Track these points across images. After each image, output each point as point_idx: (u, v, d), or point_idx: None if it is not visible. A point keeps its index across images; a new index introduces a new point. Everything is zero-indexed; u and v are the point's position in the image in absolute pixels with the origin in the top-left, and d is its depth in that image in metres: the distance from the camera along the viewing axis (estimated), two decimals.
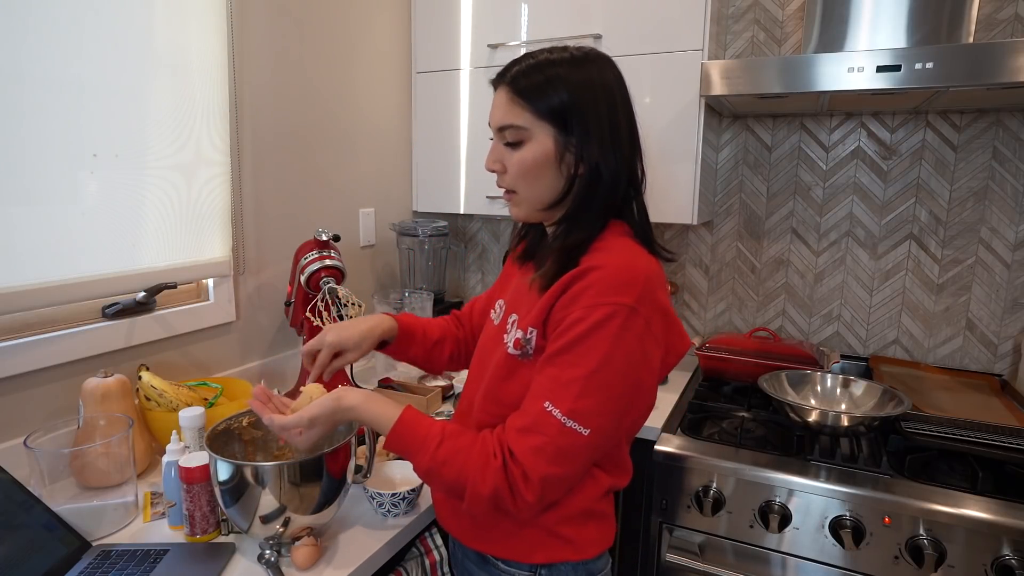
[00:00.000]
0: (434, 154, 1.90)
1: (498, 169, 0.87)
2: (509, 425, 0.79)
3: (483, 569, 0.92)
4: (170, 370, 1.29)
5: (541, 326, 0.81)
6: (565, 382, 0.75)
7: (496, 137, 0.86)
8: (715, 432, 1.40)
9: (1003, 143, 1.54)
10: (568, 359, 0.76)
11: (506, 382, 0.85)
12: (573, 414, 0.75)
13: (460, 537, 0.93)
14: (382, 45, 1.80)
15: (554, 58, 0.82)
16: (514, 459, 0.76)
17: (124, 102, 1.14)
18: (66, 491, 0.96)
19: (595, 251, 0.81)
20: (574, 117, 0.80)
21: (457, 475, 0.77)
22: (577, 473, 0.80)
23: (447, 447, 0.78)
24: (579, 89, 0.80)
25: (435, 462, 0.78)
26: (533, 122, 0.82)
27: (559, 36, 1.63)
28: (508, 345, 0.85)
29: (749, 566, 1.25)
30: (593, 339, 0.75)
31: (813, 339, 1.80)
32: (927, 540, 1.10)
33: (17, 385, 1.05)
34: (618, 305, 0.75)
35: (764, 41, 1.72)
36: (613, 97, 0.83)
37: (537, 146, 0.82)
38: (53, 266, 1.06)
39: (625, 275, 0.77)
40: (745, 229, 1.83)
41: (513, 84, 0.82)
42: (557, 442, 0.75)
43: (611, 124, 0.82)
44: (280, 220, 1.53)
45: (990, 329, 1.61)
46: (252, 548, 0.91)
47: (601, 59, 0.85)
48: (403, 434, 0.81)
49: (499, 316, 0.95)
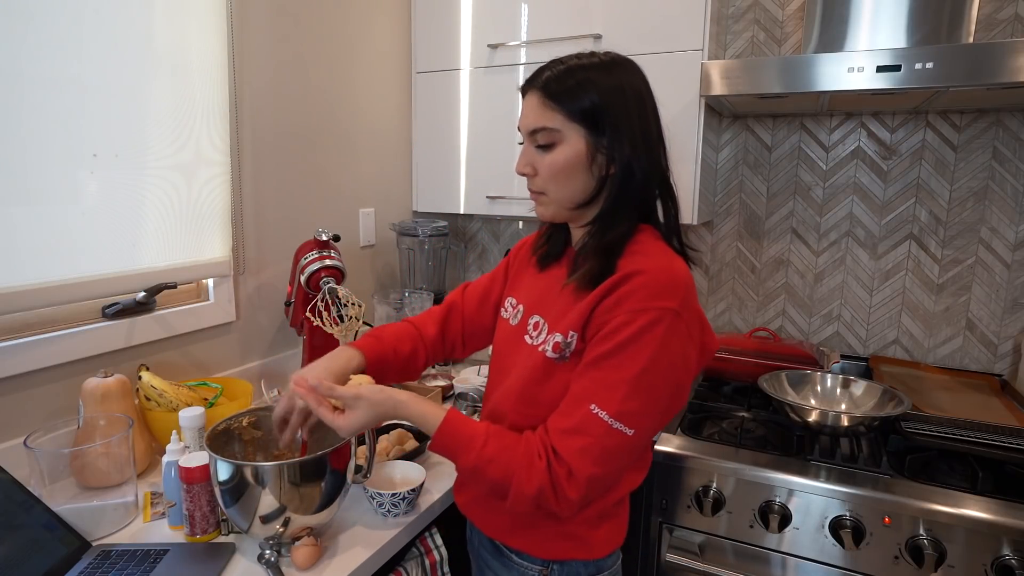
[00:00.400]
0: (434, 154, 1.90)
1: (529, 172, 0.88)
2: (552, 427, 0.80)
3: (496, 559, 0.95)
4: (170, 370, 1.29)
5: (581, 329, 0.83)
6: (611, 384, 0.77)
7: (527, 141, 0.87)
8: (715, 432, 1.40)
9: (1003, 143, 1.54)
10: (614, 362, 0.78)
11: (543, 385, 0.86)
12: (620, 416, 0.77)
13: (478, 524, 0.96)
14: (382, 45, 1.80)
15: (584, 63, 0.84)
16: (559, 459, 0.78)
17: (124, 102, 1.14)
18: (66, 491, 0.96)
19: (632, 254, 0.83)
20: (606, 118, 0.82)
21: (503, 474, 0.79)
22: (618, 472, 0.82)
23: (492, 446, 0.80)
24: (610, 91, 0.82)
25: (481, 460, 0.80)
26: (565, 124, 0.83)
27: (559, 36, 1.63)
28: (546, 349, 0.86)
29: (749, 566, 1.25)
30: (640, 343, 0.77)
31: (813, 339, 1.80)
32: (927, 540, 1.10)
33: (17, 385, 1.05)
34: (664, 310, 0.77)
35: (764, 41, 1.72)
36: (643, 99, 0.85)
37: (569, 148, 0.83)
38: (53, 266, 1.06)
39: (668, 280, 0.79)
40: (745, 229, 1.83)
41: (545, 88, 0.83)
42: (603, 443, 0.77)
43: (642, 125, 0.84)
44: (280, 220, 1.53)
45: (990, 329, 1.61)
46: (252, 548, 0.91)
47: (629, 64, 0.86)
48: (449, 433, 0.82)
49: (516, 317, 0.95)
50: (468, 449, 0.81)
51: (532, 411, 0.86)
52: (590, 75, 0.82)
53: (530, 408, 0.87)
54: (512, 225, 2.15)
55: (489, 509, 0.93)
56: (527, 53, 1.69)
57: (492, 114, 1.77)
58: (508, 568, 0.93)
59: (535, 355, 0.88)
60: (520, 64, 1.71)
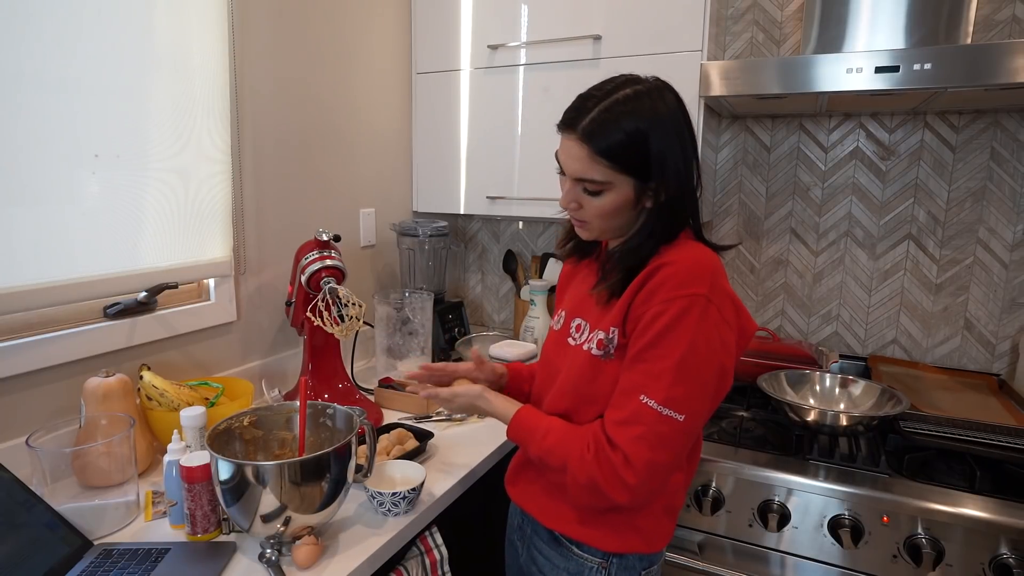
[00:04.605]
0: (434, 154, 1.90)
1: (574, 208, 0.91)
2: (608, 419, 0.85)
3: (554, 549, 0.97)
4: (171, 370, 1.29)
5: (621, 324, 0.87)
6: (656, 374, 0.81)
7: (571, 182, 0.89)
8: (714, 431, 1.40)
9: (1001, 144, 1.55)
10: (656, 353, 0.82)
11: (593, 383, 0.90)
12: (668, 402, 0.81)
13: (536, 514, 0.99)
14: (382, 46, 1.80)
15: (619, 97, 0.84)
16: (614, 448, 0.82)
17: (125, 102, 1.14)
18: (68, 490, 0.96)
19: (662, 252, 0.87)
20: (653, 166, 0.84)
21: (560, 464, 0.87)
22: (676, 459, 0.84)
23: (552, 438, 0.89)
24: (655, 138, 0.83)
25: (542, 451, 0.90)
26: (614, 176, 0.85)
27: (559, 37, 1.64)
28: (591, 347, 0.91)
29: (748, 565, 1.25)
30: (677, 331, 0.81)
31: (812, 339, 1.80)
32: (925, 539, 1.11)
33: (19, 385, 1.05)
34: (694, 296, 0.81)
35: (763, 42, 1.73)
36: (681, 127, 0.87)
37: (617, 195, 0.87)
38: (55, 266, 1.06)
39: (695, 268, 0.83)
40: (744, 229, 1.84)
41: (591, 141, 0.84)
42: (656, 429, 0.81)
43: (682, 155, 0.86)
44: (281, 220, 1.53)
45: (988, 329, 1.62)
46: (253, 547, 0.91)
47: (664, 87, 0.89)
48: (519, 426, 0.94)
49: (560, 322, 1.02)
50: (532, 440, 0.91)
51: (587, 408, 0.91)
52: (631, 117, 0.83)
53: (585, 406, 0.91)
54: (512, 225, 2.16)
55: (551, 500, 0.96)
56: (527, 54, 1.70)
57: (492, 115, 1.78)
58: (567, 559, 0.96)
59: (581, 355, 0.93)
60: (520, 65, 1.71)
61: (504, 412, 0.97)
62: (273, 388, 1.42)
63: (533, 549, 1.02)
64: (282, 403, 1.04)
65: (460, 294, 2.28)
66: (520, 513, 1.07)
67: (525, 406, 0.96)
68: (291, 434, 1.04)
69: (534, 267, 2.04)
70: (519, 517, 1.07)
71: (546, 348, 1.05)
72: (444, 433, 1.35)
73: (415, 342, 1.60)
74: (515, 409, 0.95)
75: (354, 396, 1.38)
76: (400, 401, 1.45)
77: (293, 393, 1.40)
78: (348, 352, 1.61)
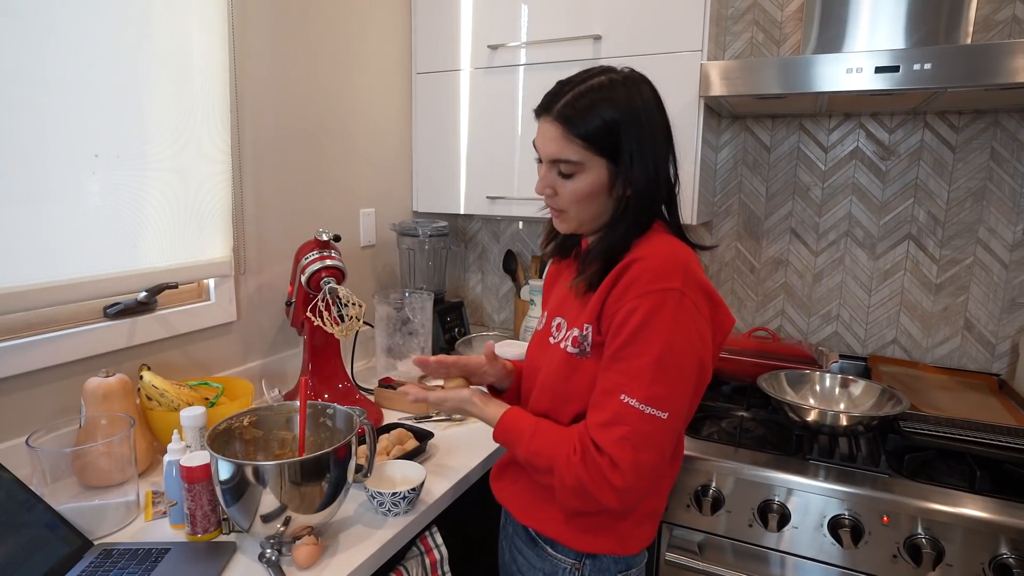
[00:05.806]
0: (434, 154, 1.90)
1: (549, 194, 0.91)
2: (590, 422, 0.84)
3: (531, 550, 0.97)
4: (171, 370, 1.29)
5: (595, 321, 0.86)
6: (635, 372, 0.80)
7: (547, 166, 0.90)
8: (714, 431, 1.40)
9: (1001, 144, 1.55)
10: (633, 350, 0.81)
11: (569, 381, 0.90)
12: (649, 400, 0.80)
13: (514, 512, 0.98)
14: (382, 45, 1.80)
15: (594, 84, 0.85)
16: (600, 451, 0.81)
17: (125, 102, 1.14)
18: (68, 490, 0.96)
19: (636, 247, 0.87)
20: (626, 148, 0.85)
21: (547, 466, 0.86)
22: (663, 458, 0.83)
23: (538, 440, 0.88)
24: (628, 120, 0.84)
25: (529, 452, 0.88)
26: (588, 157, 0.86)
27: (559, 37, 1.64)
28: (566, 345, 0.90)
29: (748, 565, 1.25)
30: (652, 326, 0.80)
31: (812, 339, 1.80)
32: (925, 539, 1.11)
33: (19, 385, 1.05)
34: (667, 291, 0.80)
35: (763, 42, 1.73)
36: (653, 117, 0.87)
37: (591, 177, 0.87)
38: (55, 266, 1.07)
39: (668, 262, 0.82)
40: (744, 229, 1.84)
41: (564, 119, 0.85)
42: (639, 428, 0.80)
43: (655, 145, 0.87)
44: (281, 220, 1.53)
45: (988, 329, 1.62)
46: (253, 547, 0.91)
47: (640, 79, 0.89)
48: (505, 429, 0.92)
49: (542, 322, 1.02)
50: (519, 442, 0.89)
51: (565, 407, 0.91)
52: (607, 102, 0.84)
53: (563, 404, 0.91)
54: (512, 225, 2.16)
55: (531, 499, 0.96)
56: (527, 54, 1.70)
57: (492, 115, 1.78)
58: (542, 559, 0.96)
59: (558, 353, 0.92)
60: (520, 65, 1.71)
61: (491, 415, 0.95)
62: (273, 388, 1.42)
63: (514, 549, 1.02)
64: (282, 403, 1.04)
65: (460, 294, 2.28)
66: (505, 512, 1.07)
67: (512, 408, 0.95)
68: (291, 434, 1.04)
69: (534, 267, 2.04)
70: (504, 516, 1.08)
71: (530, 348, 1.06)
72: (444, 433, 1.35)
73: (415, 342, 1.60)
74: (502, 412, 0.94)
75: (354, 396, 1.38)
76: (400, 401, 1.46)
77: (293, 393, 1.40)
78: (348, 352, 1.61)
